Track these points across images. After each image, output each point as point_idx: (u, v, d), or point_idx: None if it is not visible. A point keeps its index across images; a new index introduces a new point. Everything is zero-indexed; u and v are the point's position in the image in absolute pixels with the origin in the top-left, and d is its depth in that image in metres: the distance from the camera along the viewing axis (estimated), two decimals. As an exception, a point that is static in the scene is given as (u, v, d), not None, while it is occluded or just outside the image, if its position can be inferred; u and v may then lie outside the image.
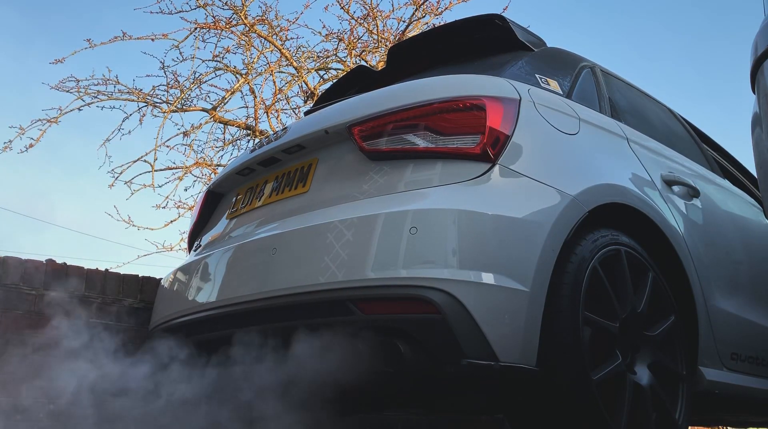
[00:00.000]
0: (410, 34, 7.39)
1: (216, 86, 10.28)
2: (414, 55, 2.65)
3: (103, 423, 2.24)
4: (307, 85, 7.58)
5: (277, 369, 1.68)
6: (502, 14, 2.36)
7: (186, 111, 7.37)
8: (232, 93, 7.37)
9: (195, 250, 2.37)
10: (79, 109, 6.76)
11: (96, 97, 6.81)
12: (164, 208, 7.12)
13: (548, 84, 2.08)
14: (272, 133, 2.32)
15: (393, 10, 7.54)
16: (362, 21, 7.47)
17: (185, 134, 7.37)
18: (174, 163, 7.62)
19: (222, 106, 7.49)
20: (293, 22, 7.46)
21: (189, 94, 7.30)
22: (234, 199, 2.27)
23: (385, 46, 7.41)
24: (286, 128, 2.11)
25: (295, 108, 7.78)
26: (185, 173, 7.28)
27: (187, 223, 7.82)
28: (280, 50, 7.28)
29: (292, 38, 9.01)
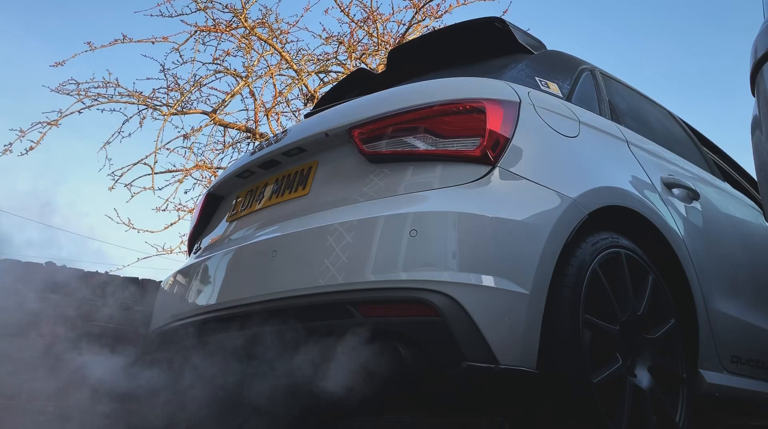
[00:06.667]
0: (410, 37, 7.40)
1: (216, 89, 10.32)
2: (414, 58, 2.65)
3: (103, 423, 2.24)
4: (307, 87, 7.58)
5: (276, 372, 1.68)
6: (502, 17, 2.36)
7: (186, 114, 7.37)
8: (232, 96, 7.37)
9: (195, 253, 2.36)
10: (79, 112, 6.75)
11: (96, 99, 6.80)
12: (164, 210, 7.13)
13: (548, 87, 2.08)
14: (272, 135, 2.32)
15: (393, 13, 7.52)
16: (362, 24, 7.47)
17: (185, 137, 7.37)
18: (174, 165, 7.62)
19: (222, 108, 7.49)
20: (293, 25, 7.46)
21: (189, 97, 7.29)
22: (234, 201, 2.27)
23: (385, 49, 7.41)
24: (286, 131, 2.11)
25: (295, 111, 7.78)
26: (185, 176, 7.27)
27: (187, 225, 7.81)
28: (280, 53, 7.28)
29: (292, 41, 9.04)
